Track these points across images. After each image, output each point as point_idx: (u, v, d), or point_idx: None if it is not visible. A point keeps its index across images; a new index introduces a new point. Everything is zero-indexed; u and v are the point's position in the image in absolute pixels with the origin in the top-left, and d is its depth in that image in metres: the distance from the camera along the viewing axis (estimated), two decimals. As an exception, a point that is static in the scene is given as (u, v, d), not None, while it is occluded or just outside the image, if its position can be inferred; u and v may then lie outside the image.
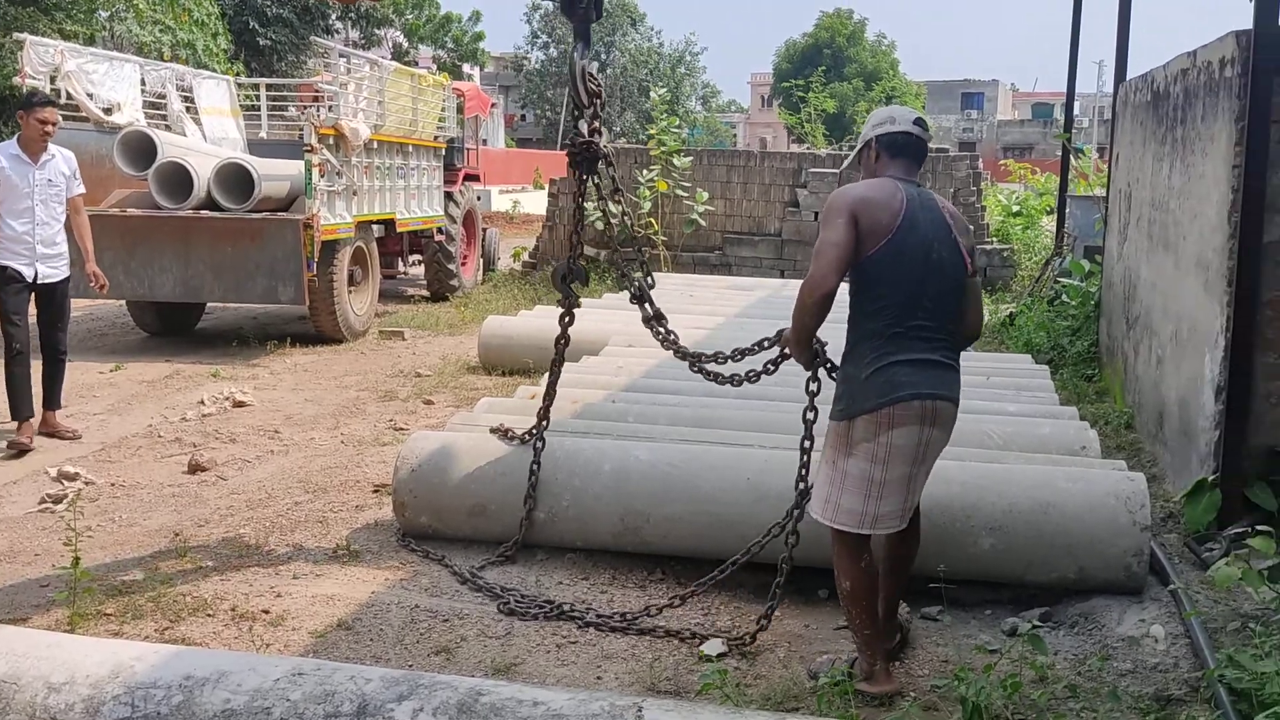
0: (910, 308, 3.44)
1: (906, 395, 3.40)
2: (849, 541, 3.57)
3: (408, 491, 4.79)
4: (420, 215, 11.96)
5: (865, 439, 3.46)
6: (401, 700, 2.69)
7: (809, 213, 13.96)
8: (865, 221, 3.43)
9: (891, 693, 3.51)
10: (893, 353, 3.44)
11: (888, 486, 3.46)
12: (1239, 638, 3.68)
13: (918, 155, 3.66)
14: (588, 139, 4.63)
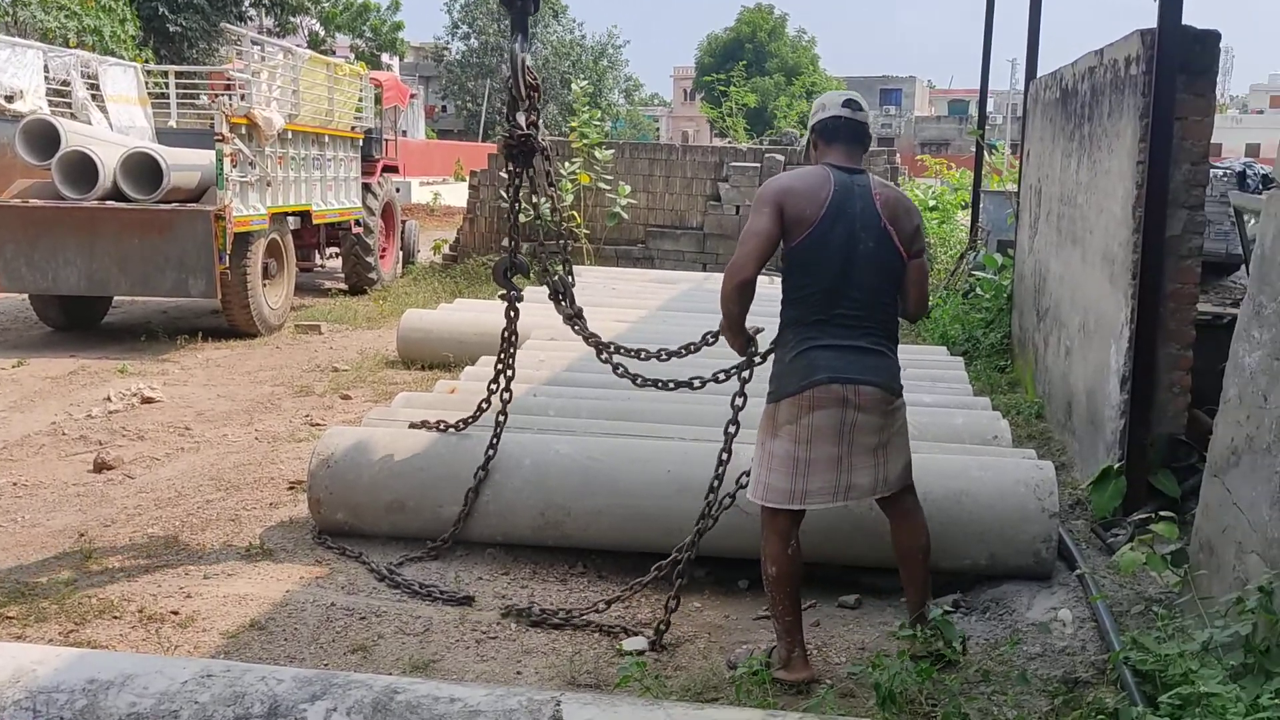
0: (833, 297, 3.51)
1: (824, 379, 3.48)
2: (779, 525, 3.62)
3: (323, 488, 4.71)
4: (337, 207, 11.76)
5: (788, 421, 3.54)
6: (314, 700, 2.64)
7: (730, 206, 14.05)
8: (790, 212, 3.49)
9: (807, 680, 3.56)
10: (815, 338, 3.52)
11: (813, 465, 3.53)
12: (1143, 620, 3.79)
13: (854, 137, 3.69)
14: (526, 132, 4.59)
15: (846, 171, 3.61)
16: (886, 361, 3.62)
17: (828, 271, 3.51)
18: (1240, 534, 3.52)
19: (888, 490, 3.68)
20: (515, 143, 4.59)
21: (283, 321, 10.34)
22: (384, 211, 13.21)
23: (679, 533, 4.50)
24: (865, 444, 3.58)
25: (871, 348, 3.57)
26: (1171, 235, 4.78)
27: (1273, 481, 3.32)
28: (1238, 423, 3.65)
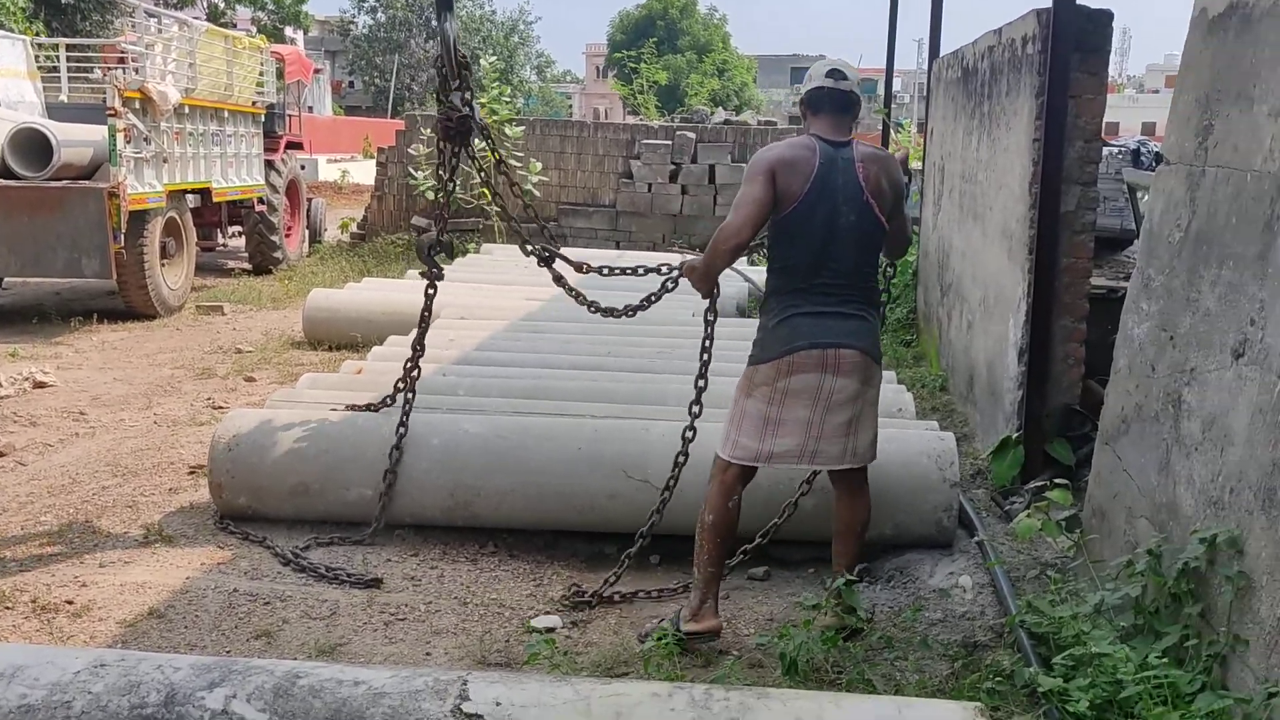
0: (815, 267, 3.64)
1: (804, 344, 3.61)
2: (727, 479, 3.73)
3: (224, 472, 4.59)
4: (239, 184, 11.45)
5: (765, 383, 3.67)
6: (213, 687, 2.57)
7: (642, 184, 14.05)
8: (781, 182, 3.61)
9: (715, 629, 3.65)
10: (797, 305, 3.65)
11: (783, 426, 3.64)
12: (1039, 585, 3.91)
13: (839, 107, 3.75)
14: (464, 112, 4.52)
15: (832, 145, 3.68)
16: (868, 326, 3.74)
17: (810, 244, 3.62)
18: (1130, 499, 3.65)
19: (856, 463, 3.76)
20: (454, 123, 4.53)
21: (183, 302, 10.05)
22: (288, 189, 12.90)
23: (591, 510, 4.51)
24: (840, 412, 3.67)
25: (853, 313, 3.69)
26: (1066, 211, 4.91)
27: (1160, 448, 3.45)
28: (1127, 392, 3.78)
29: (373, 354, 6.29)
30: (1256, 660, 2.72)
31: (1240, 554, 2.83)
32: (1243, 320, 3.00)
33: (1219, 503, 3.00)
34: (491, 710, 2.50)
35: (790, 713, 2.50)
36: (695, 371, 5.97)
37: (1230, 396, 3.01)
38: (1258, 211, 3.00)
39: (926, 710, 2.52)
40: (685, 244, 13.43)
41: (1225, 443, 3.01)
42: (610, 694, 2.57)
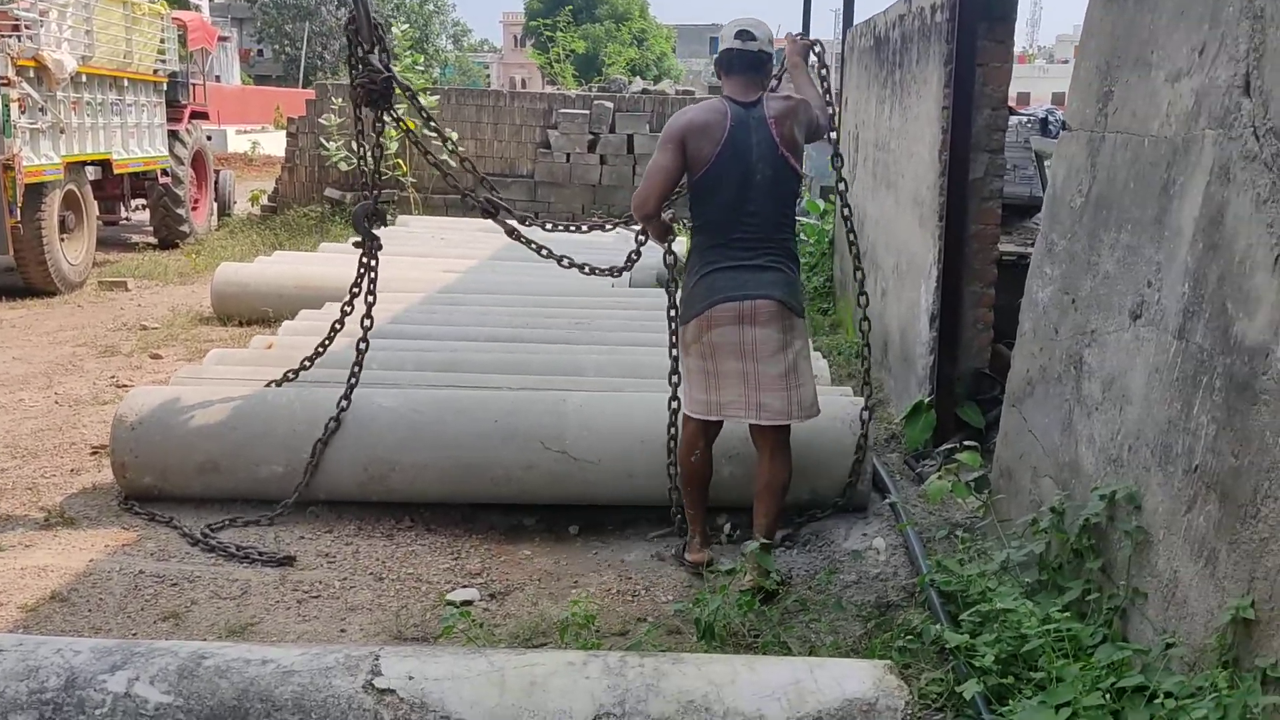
0: (730, 224, 3.78)
1: (720, 299, 3.76)
2: (689, 433, 4.00)
3: (128, 451, 4.46)
4: (141, 155, 11.07)
5: (695, 340, 3.86)
6: (115, 670, 2.51)
7: (560, 154, 13.94)
8: (692, 147, 3.74)
9: (702, 562, 3.97)
10: (714, 261, 3.80)
11: (722, 379, 3.83)
12: (949, 545, 3.99)
13: (750, 66, 3.84)
14: (386, 74, 4.42)
15: (743, 105, 3.79)
16: (785, 278, 3.83)
17: (725, 202, 3.75)
18: (1035, 459, 3.74)
19: (802, 416, 3.91)
20: (377, 86, 4.44)
21: (84, 278, 9.71)
22: (194, 160, 12.52)
23: (508, 482, 4.48)
24: (772, 364, 3.78)
25: (769, 265, 3.80)
26: (974, 178, 4.98)
27: (1063, 409, 3.53)
28: (1032, 354, 3.86)
29: (284, 328, 6.16)
30: (1155, 612, 2.81)
31: (1138, 509, 2.92)
32: (1140, 283, 3.08)
33: (1118, 460, 3.08)
34: (404, 684, 2.47)
35: (704, 677, 2.52)
36: (612, 342, 5.99)
37: (1128, 357, 3.09)
38: (1155, 176, 3.07)
39: (837, 669, 2.56)
40: (604, 214, 13.37)
41: (1124, 402, 3.09)
42: (525, 664, 2.56)
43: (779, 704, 2.45)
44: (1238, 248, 2.58)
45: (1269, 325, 2.41)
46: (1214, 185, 2.72)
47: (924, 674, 3.13)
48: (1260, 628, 2.36)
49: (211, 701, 2.43)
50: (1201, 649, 2.55)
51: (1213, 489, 2.58)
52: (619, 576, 4.08)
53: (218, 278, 8.26)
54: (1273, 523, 2.34)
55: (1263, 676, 2.29)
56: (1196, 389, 2.70)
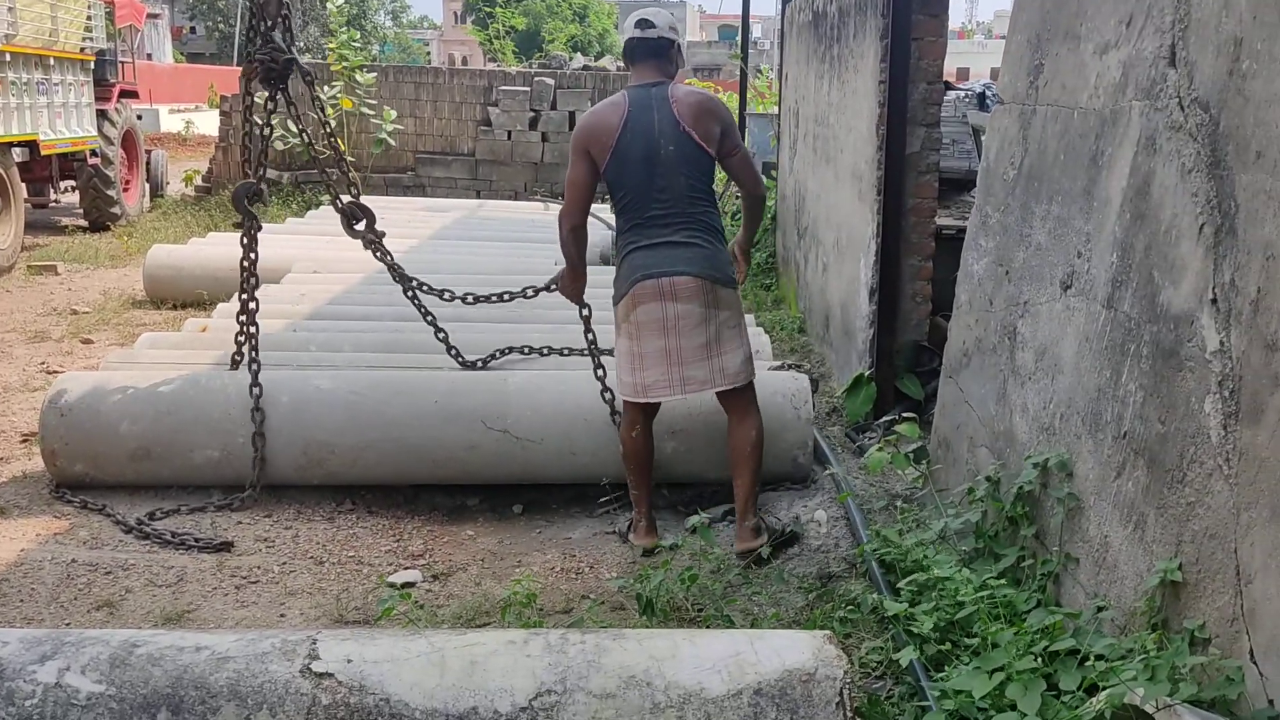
0: (644, 201, 3.83)
1: (640, 277, 3.83)
2: (629, 412, 4.04)
3: (58, 439, 4.35)
4: (69, 136, 10.78)
5: (623, 320, 3.92)
6: (45, 660, 2.45)
7: (501, 131, 13.80)
8: (594, 148, 3.85)
9: (650, 545, 3.95)
10: (634, 241, 3.87)
11: (646, 359, 3.87)
12: (889, 516, 4.03)
13: (651, 53, 3.94)
14: (286, 52, 4.34)
15: (645, 87, 3.89)
16: (703, 252, 3.85)
17: (634, 181, 3.81)
18: (971, 429, 3.79)
19: (726, 383, 3.90)
20: (276, 64, 4.36)
21: (12, 262, 9.44)
22: (124, 140, 12.21)
23: (448, 463, 4.45)
24: (693, 336, 3.82)
25: (685, 241, 3.84)
26: (911, 152, 5.02)
27: (998, 379, 3.58)
28: (968, 326, 3.90)
29: (218, 311, 6.04)
30: (1086, 577, 2.87)
31: (1070, 476, 2.97)
32: (1070, 253, 3.12)
33: (1050, 429, 3.13)
34: (343, 668, 2.44)
35: (645, 651, 2.52)
36: (555, 320, 5.95)
37: (1060, 327, 3.14)
38: (1084, 147, 3.11)
39: (777, 641, 2.57)
40: (547, 192, 13.29)
41: (1056, 371, 3.14)
42: (465, 644, 2.54)
43: (719, 676, 2.46)
44: (1164, 217, 2.62)
45: (1194, 293, 2.45)
46: (1141, 156, 2.76)
47: (864, 643, 3.17)
48: (1187, 590, 2.41)
49: (145, 690, 2.38)
50: (1131, 612, 2.61)
51: (1141, 455, 2.63)
52: (563, 554, 4.08)
53: (150, 260, 8.08)
54: (1198, 487, 2.39)
55: (1190, 638, 2.35)
56: (1125, 357, 2.75)
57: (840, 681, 2.45)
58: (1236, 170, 2.33)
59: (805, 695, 2.43)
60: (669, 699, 2.42)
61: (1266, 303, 2.18)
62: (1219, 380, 2.32)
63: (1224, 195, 2.37)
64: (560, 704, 2.40)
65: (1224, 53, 2.41)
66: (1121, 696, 2.22)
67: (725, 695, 2.42)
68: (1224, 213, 2.36)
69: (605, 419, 4.42)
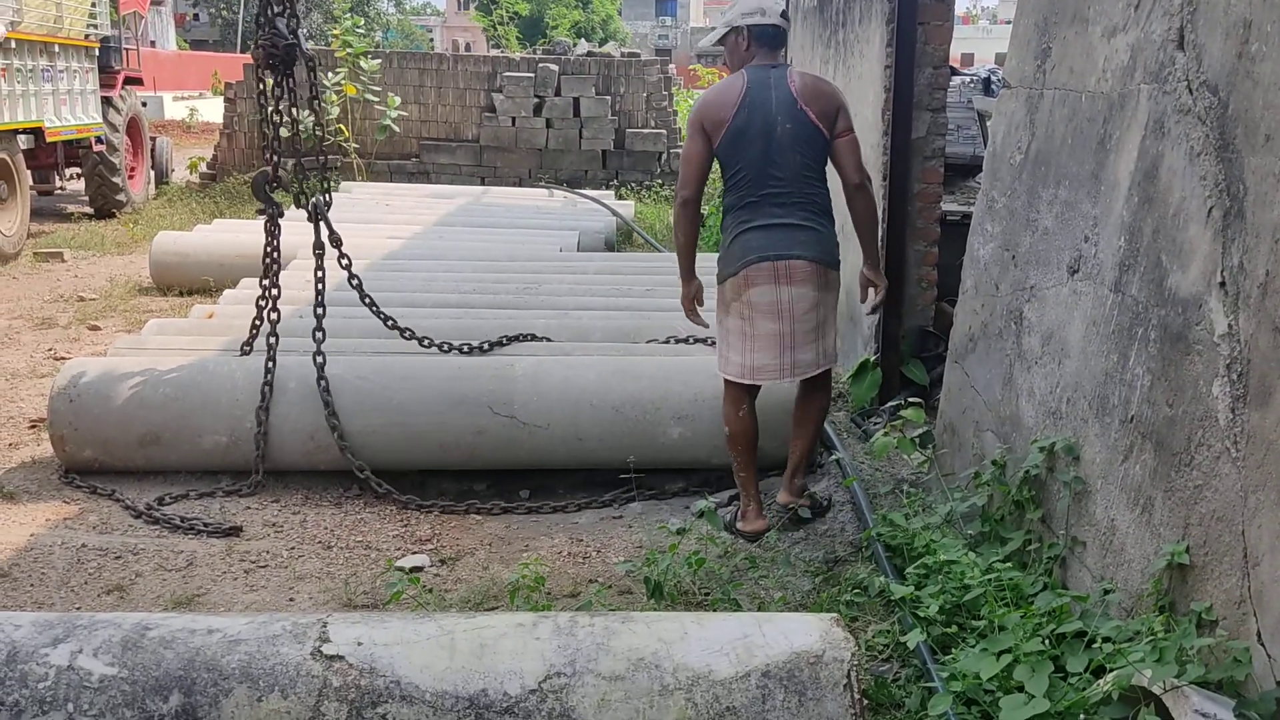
0: (760, 179, 3.79)
1: (755, 258, 3.78)
2: (733, 392, 3.94)
3: (66, 424, 4.37)
4: (74, 123, 10.78)
5: (734, 299, 3.86)
6: (57, 644, 2.46)
7: (506, 118, 13.78)
8: (710, 123, 3.81)
9: (761, 530, 3.87)
10: (748, 220, 3.81)
11: (758, 340, 3.83)
12: (895, 500, 4.04)
13: (780, 42, 4.01)
14: (290, 38, 4.34)
15: (764, 68, 3.88)
16: (818, 235, 3.86)
17: (751, 156, 3.78)
18: (977, 414, 3.80)
19: (827, 364, 3.96)
20: (279, 50, 4.36)
21: (19, 249, 9.47)
22: (129, 127, 12.22)
23: (457, 448, 4.47)
24: (806, 320, 3.84)
25: (801, 224, 3.82)
26: (917, 137, 5.01)
27: (1004, 364, 3.58)
28: (974, 311, 3.90)
29: (225, 297, 6.06)
30: (1093, 560, 2.88)
31: (1076, 460, 2.98)
32: (1077, 238, 3.12)
33: (1057, 413, 3.14)
34: (353, 650, 2.46)
35: (653, 634, 2.53)
36: (561, 307, 5.96)
37: (1066, 311, 3.14)
38: (1092, 131, 3.10)
39: (785, 624, 2.58)
40: (551, 179, 13.28)
41: (1062, 356, 3.14)
42: (474, 627, 2.56)
43: (728, 659, 2.47)
44: (1172, 201, 2.62)
45: (1202, 277, 2.46)
46: (1149, 139, 2.76)
47: (870, 626, 3.18)
48: (1194, 572, 2.42)
49: (157, 672, 2.40)
50: (1138, 595, 2.61)
51: (1148, 438, 2.64)
52: (570, 539, 4.09)
53: (156, 247, 8.10)
54: (1205, 470, 2.39)
55: (1197, 620, 2.36)
56: (1132, 341, 2.75)
57: (848, 664, 2.46)
58: (1245, 153, 2.32)
59: (813, 677, 2.44)
60: (677, 681, 2.43)
61: (1275, 286, 2.18)
62: (1227, 363, 2.33)
63: (1232, 178, 2.36)
64: (569, 686, 2.42)
65: (1233, 35, 2.40)
66: (1129, 678, 2.23)
67: (733, 677, 2.44)
68: (1232, 196, 2.36)
69: (611, 404, 4.43)
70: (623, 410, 4.45)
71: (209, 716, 2.35)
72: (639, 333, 5.34)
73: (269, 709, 2.36)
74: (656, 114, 14.12)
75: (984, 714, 2.56)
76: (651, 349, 5.09)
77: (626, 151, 13.88)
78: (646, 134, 13.89)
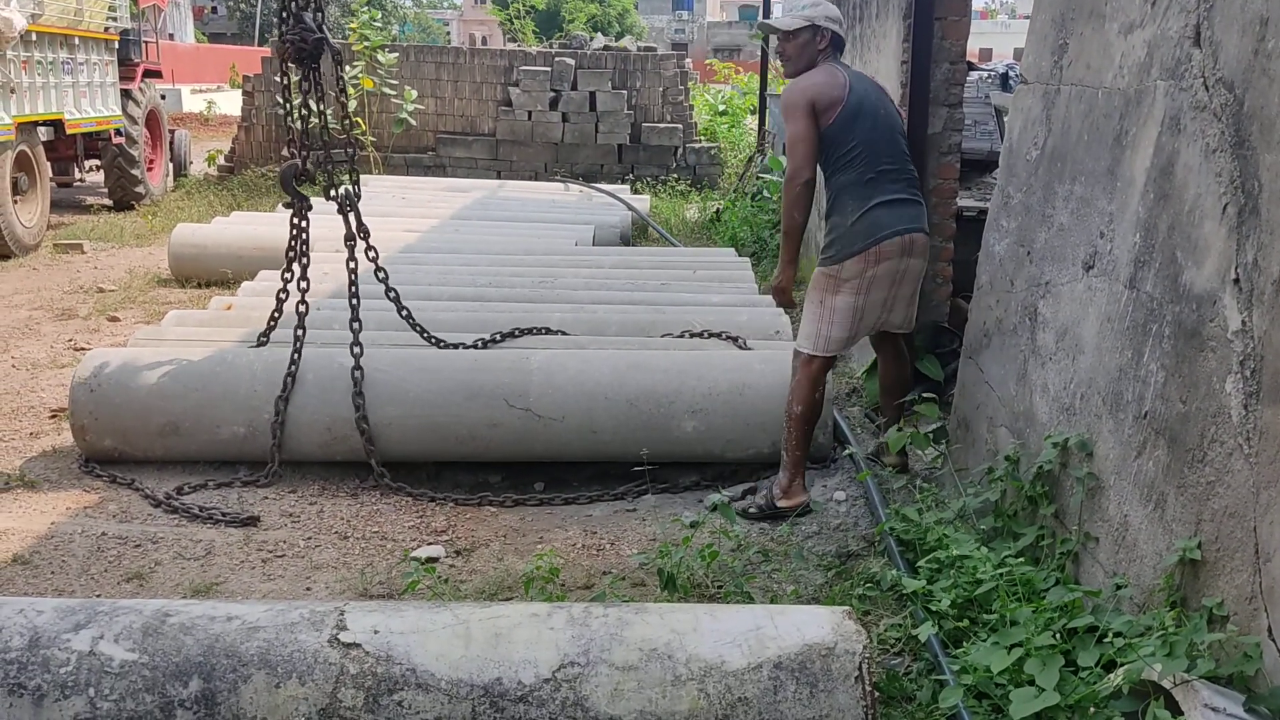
0: (875, 154, 3.99)
1: (888, 234, 3.96)
2: (814, 372, 4.09)
3: (87, 414, 4.42)
4: (94, 115, 10.85)
5: (854, 276, 4.00)
6: (79, 629, 2.51)
7: (522, 112, 13.81)
8: (821, 104, 3.95)
9: (804, 503, 4.08)
10: (872, 196, 3.97)
11: (866, 310, 4.06)
12: (908, 495, 4.05)
13: (843, 51, 4.29)
14: (318, 32, 4.38)
15: (842, 66, 4.17)
16: (923, 210, 4.16)
17: (864, 133, 3.97)
18: (991, 409, 3.80)
19: (909, 327, 4.30)
20: (309, 46, 4.39)
21: (39, 241, 9.55)
22: (148, 120, 12.29)
23: (472, 440, 4.49)
24: (907, 286, 4.14)
25: (913, 198, 4.08)
26: (933, 133, 5.01)
27: (1019, 359, 3.59)
28: (989, 307, 3.91)
29: (243, 289, 6.10)
30: (1105, 555, 2.88)
31: (1090, 456, 2.98)
32: (1093, 234, 3.12)
33: (1071, 409, 3.14)
34: (370, 638, 2.49)
35: (666, 625, 2.56)
36: (577, 301, 5.98)
37: (1081, 307, 3.14)
38: (1108, 127, 3.11)
39: (797, 616, 2.60)
40: (567, 173, 13.30)
41: (1076, 352, 3.14)
42: (489, 616, 2.59)
43: (740, 650, 2.49)
44: (1187, 197, 2.62)
45: (1216, 273, 2.46)
46: (1165, 136, 2.76)
47: (883, 620, 3.20)
48: (1206, 568, 2.43)
49: (177, 658, 2.44)
50: (1150, 590, 2.62)
51: (1161, 434, 2.64)
52: (584, 531, 4.12)
53: (175, 239, 8.16)
54: (1218, 466, 2.40)
55: (1209, 615, 2.36)
56: (1146, 337, 2.75)
57: (859, 656, 2.48)
58: (1261, 150, 2.33)
59: (825, 669, 2.46)
60: (690, 671, 2.45)
61: (1289, 282, 2.19)
62: (1240, 360, 2.33)
63: (1248, 175, 2.37)
64: (583, 675, 2.44)
65: (1249, 32, 2.40)
66: (1139, 672, 2.24)
67: (745, 668, 2.46)
68: (1247, 193, 2.36)
69: (626, 398, 4.45)
70: (637, 404, 4.47)
71: (228, 702, 2.39)
72: (654, 327, 5.35)
73: (287, 695, 2.40)
74: (672, 108, 14.12)
75: (995, 707, 2.57)
76: (666, 343, 5.10)
77: (642, 146, 13.89)
78: (662, 128, 13.90)
